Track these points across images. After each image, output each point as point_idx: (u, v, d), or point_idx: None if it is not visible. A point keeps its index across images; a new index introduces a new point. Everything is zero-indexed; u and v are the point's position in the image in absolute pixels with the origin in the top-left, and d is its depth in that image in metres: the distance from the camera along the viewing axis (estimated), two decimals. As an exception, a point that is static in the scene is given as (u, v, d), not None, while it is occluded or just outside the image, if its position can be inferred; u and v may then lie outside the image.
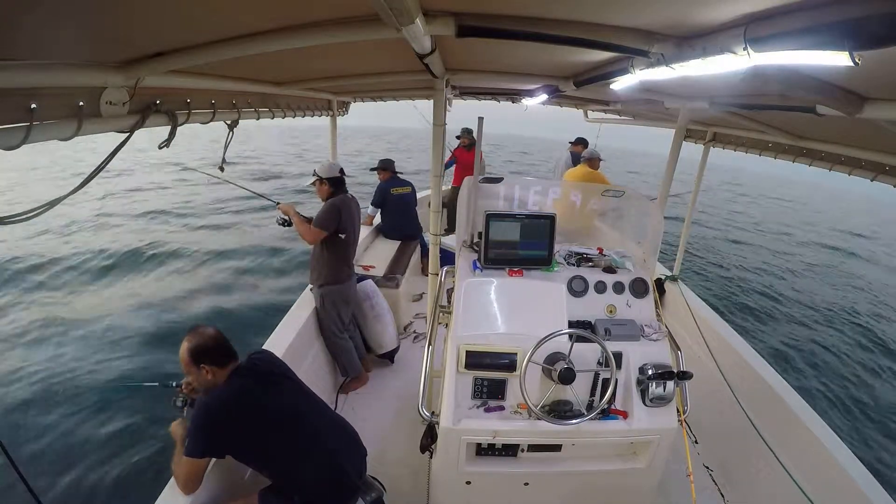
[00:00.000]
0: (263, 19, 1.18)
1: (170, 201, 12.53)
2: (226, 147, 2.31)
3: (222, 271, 7.55)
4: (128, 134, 1.36)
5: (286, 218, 3.09)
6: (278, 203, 3.17)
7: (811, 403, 2.48)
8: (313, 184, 3.07)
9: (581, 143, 6.06)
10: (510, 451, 1.91)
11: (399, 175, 5.01)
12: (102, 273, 7.15)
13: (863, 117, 1.34)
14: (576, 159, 5.84)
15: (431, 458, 2.03)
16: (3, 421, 3.77)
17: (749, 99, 1.96)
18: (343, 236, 3.05)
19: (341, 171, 3.11)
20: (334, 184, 3.06)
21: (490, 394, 1.84)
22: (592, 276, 2.04)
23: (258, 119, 2.37)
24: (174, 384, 1.92)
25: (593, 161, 4.94)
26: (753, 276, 10.62)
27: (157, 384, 2.05)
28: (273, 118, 2.57)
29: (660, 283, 3.87)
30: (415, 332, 4.14)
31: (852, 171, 2.40)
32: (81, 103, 1.16)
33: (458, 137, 6.49)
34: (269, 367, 1.86)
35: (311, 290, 3.38)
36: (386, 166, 4.94)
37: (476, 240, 2.14)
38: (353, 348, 3.28)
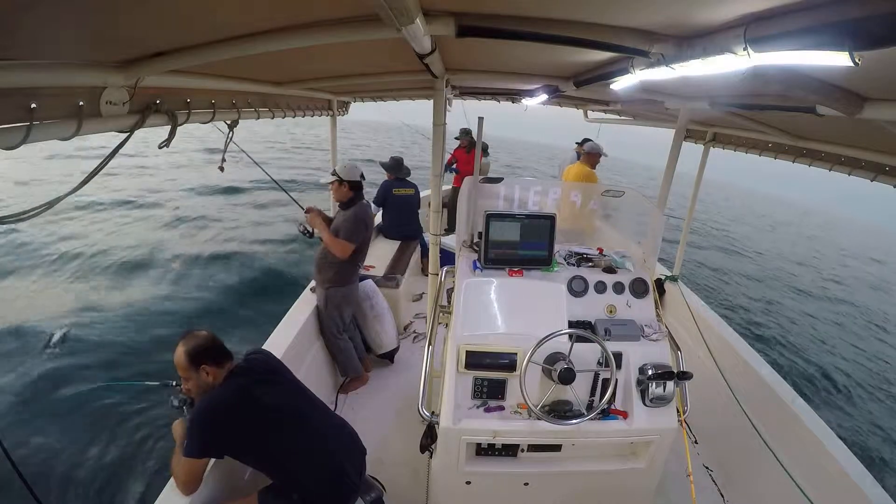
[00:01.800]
0: (263, 19, 1.18)
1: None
2: (225, 147, 2.31)
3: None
4: (128, 134, 1.36)
5: (310, 230, 3.06)
6: (307, 210, 3.09)
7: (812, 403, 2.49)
8: (331, 183, 3.04)
9: (587, 143, 6.05)
10: (510, 451, 1.91)
11: (405, 178, 4.97)
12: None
13: (863, 117, 1.34)
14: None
15: (431, 458, 2.03)
16: (3, 419, 3.77)
17: (749, 99, 1.96)
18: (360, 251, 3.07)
19: (362, 175, 3.08)
20: (354, 187, 3.04)
21: (490, 394, 1.84)
22: (592, 276, 2.04)
23: (258, 119, 2.37)
24: (174, 383, 1.92)
25: (592, 156, 4.79)
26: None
27: (157, 383, 2.06)
28: (273, 118, 2.57)
29: (660, 283, 3.87)
30: (415, 332, 4.14)
31: (852, 171, 2.40)
32: (81, 103, 1.16)
33: (456, 139, 6.47)
34: (266, 366, 1.86)
35: (311, 289, 3.38)
36: (392, 166, 4.92)
37: (476, 240, 2.14)
38: (353, 348, 3.28)
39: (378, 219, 5.05)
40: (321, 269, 3.11)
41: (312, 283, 3.42)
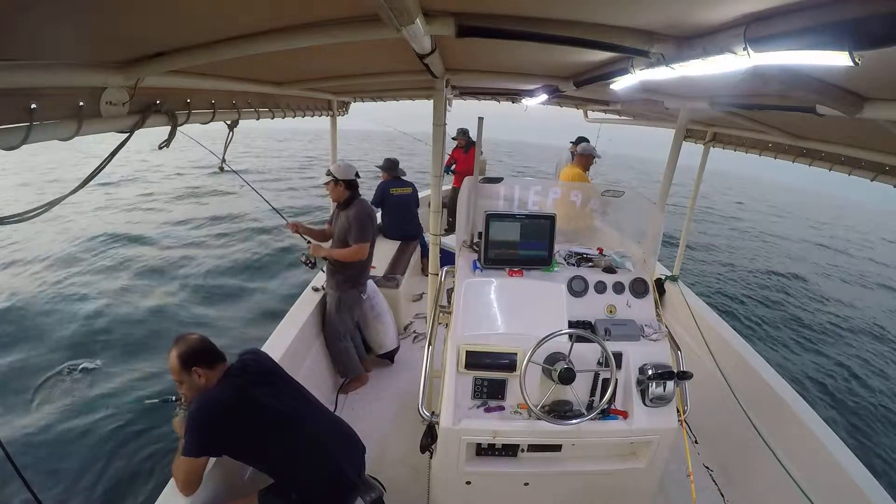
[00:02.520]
0: (263, 19, 1.18)
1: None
2: (226, 147, 2.31)
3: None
4: (128, 134, 1.36)
5: (312, 260, 3.13)
6: (309, 242, 3.16)
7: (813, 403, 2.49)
8: (326, 184, 3.07)
9: (582, 142, 5.87)
10: (510, 451, 1.91)
11: (401, 177, 4.99)
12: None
13: (863, 117, 1.34)
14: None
15: (431, 458, 2.03)
16: (8, 430, 3.77)
17: (749, 99, 1.96)
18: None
19: (357, 174, 3.12)
20: (350, 186, 3.06)
21: (490, 394, 1.84)
22: (592, 276, 2.04)
23: (258, 119, 2.37)
24: (173, 398, 1.92)
25: (586, 158, 4.73)
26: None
27: (157, 401, 2.06)
28: (273, 118, 2.57)
29: (660, 283, 3.87)
30: (415, 332, 4.14)
31: (852, 171, 2.40)
32: (81, 103, 1.16)
33: (454, 139, 6.47)
34: (261, 367, 1.86)
35: (313, 289, 3.39)
36: (388, 166, 4.93)
37: (476, 240, 2.14)
38: (354, 350, 3.29)
39: (377, 219, 5.06)
40: (335, 271, 3.12)
41: (315, 284, 3.43)
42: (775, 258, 14.00)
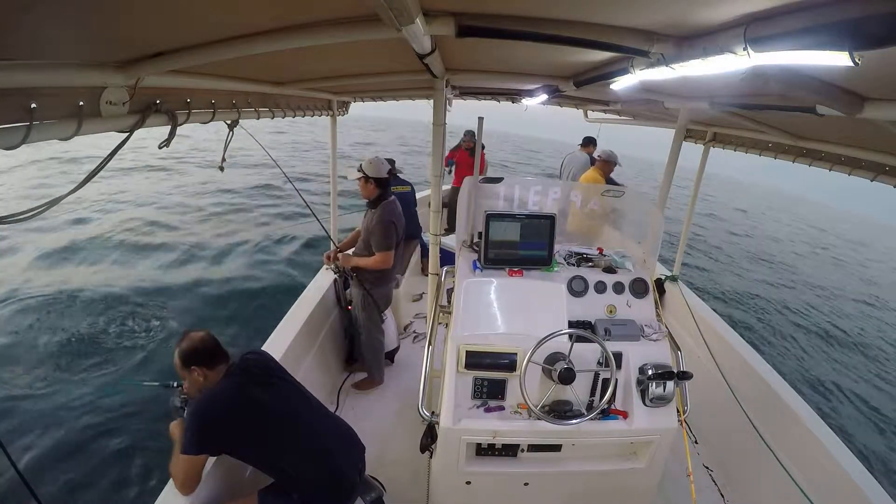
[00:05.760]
0: (263, 19, 1.18)
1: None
2: (226, 147, 2.31)
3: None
4: (128, 134, 1.36)
5: (341, 269, 3.18)
6: (340, 251, 3.22)
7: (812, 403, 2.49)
8: (357, 180, 3.05)
9: (591, 143, 5.66)
10: (510, 451, 1.92)
11: (398, 174, 5.00)
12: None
13: (863, 117, 1.34)
14: (594, 162, 5.47)
15: (431, 458, 2.03)
16: (3, 420, 3.77)
17: (749, 99, 1.96)
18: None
19: (390, 170, 3.09)
20: (381, 184, 3.04)
21: (490, 394, 1.84)
22: (592, 276, 2.04)
23: (258, 119, 2.37)
24: (175, 384, 1.93)
25: (609, 164, 4.66)
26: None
27: (157, 384, 2.06)
28: (273, 118, 2.57)
29: (660, 283, 3.87)
30: (415, 332, 4.14)
31: (852, 171, 2.40)
32: (81, 103, 1.16)
33: (463, 140, 6.43)
34: (262, 367, 1.86)
35: (341, 292, 3.41)
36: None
37: (476, 240, 2.14)
38: (384, 350, 3.33)
39: None
40: (364, 269, 3.12)
41: (323, 289, 3.42)
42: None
